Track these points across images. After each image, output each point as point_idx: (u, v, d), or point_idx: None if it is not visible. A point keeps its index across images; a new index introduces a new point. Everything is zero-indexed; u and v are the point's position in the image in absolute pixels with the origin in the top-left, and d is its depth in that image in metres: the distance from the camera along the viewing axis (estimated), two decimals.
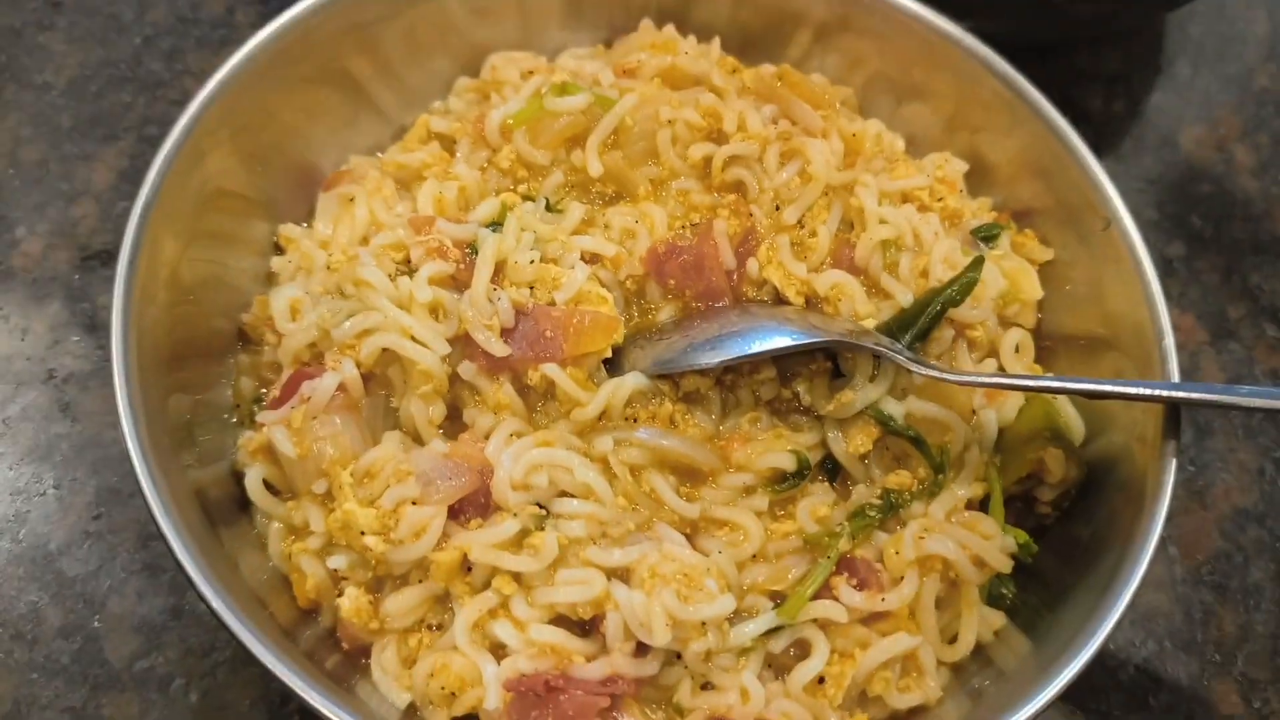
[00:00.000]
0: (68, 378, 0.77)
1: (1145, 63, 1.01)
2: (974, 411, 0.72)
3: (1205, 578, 0.77)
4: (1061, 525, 0.71)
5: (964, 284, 0.72)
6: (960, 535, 0.66)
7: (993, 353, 0.75)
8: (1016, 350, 0.76)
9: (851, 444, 0.70)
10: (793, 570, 0.66)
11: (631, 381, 0.66)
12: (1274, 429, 0.83)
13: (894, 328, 0.71)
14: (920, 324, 0.72)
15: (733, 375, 0.70)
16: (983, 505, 0.70)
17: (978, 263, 0.72)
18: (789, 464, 0.68)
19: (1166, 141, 0.97)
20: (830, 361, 0.70)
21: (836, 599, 0.64)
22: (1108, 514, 0.68)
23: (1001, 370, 0.74)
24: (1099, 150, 0.84)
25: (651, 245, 0.71)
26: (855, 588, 0.64)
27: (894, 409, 0.70)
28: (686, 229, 0.73)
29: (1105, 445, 0.71)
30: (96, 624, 0.68)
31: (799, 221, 0.74)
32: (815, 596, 0.64)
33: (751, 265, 0.72)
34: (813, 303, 0.71)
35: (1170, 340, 0.69)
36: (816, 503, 0.68)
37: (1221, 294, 0.89)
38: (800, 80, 0.80)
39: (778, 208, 0.74)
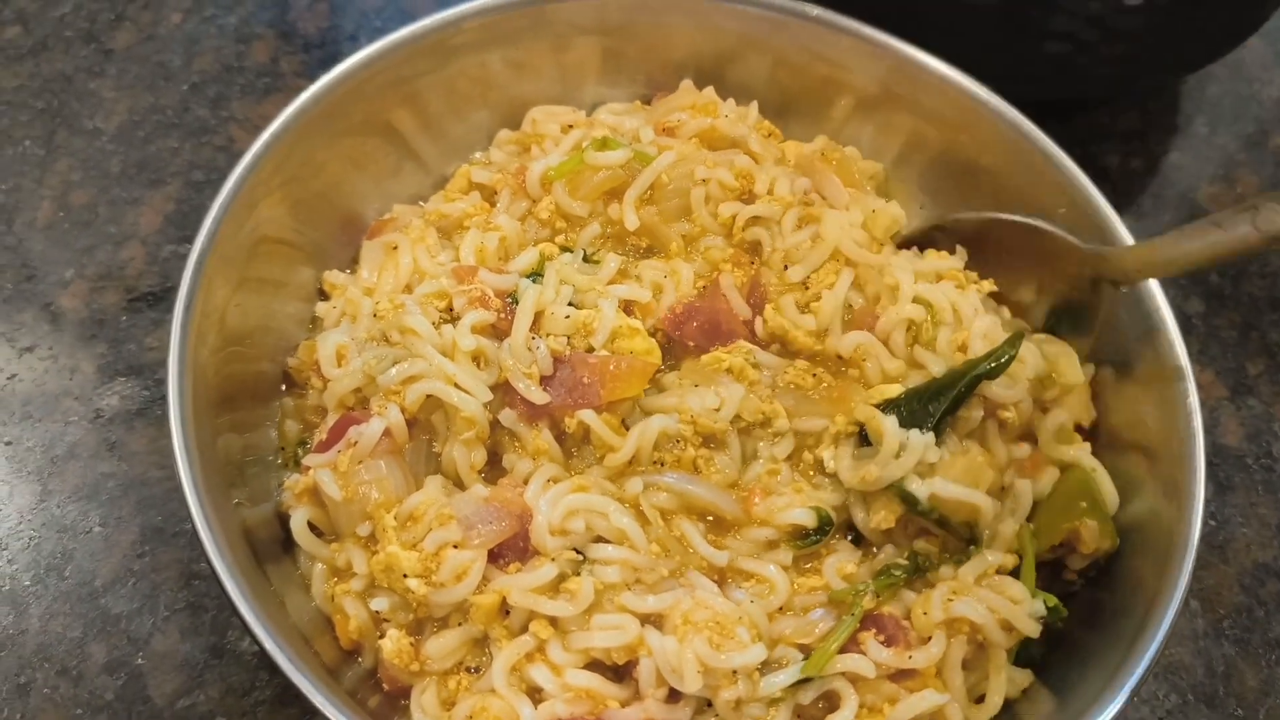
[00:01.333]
0: (114, 417, 0.79)
1: (1163, 122, 1.04)
2: (1003, 488, 0.73)
3: (1227, 631, 0.79)
4: (1086, 590, 0.73)
5: (1001, 358, 0.71)
6: (989, 599, 0.68)
7: (1027, 437, 0.75)
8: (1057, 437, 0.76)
9: (874, 518, 0.70)
10: (820, 625, 0.68)
11: (658, 423, 0.69)
12: None
13: (924, 396, 0.71)
14: (952, 395, 0.71)
15: (747, 423, 0.71)
16: (1014, 569, 0.71)
17: (1016, 338, 0.72)
18: (810, 521, 0.69)
19: (1184, 199, 0.99)
20: (858, 425, 0.71)
21: (864, 654, 0.65)
22: (1133, 579, 0.70)
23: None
24: (1118, 207, 0.86)
25: (670, 307, 0.74)
26: (883, 644, 0.66)
27: (919, 489, 0.69)
28: (699, 289, 0.76)
29: (1132, 511, 0.73)
30: (140, 661, 0.70)
31: (804, 283, 0.76)
32: (843, 650, 0.66)
33: (758, 322, 0.76)
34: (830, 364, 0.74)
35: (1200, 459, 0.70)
36: (843, 560, 0.70)
37: (1240, 351, 0.91)
38: (841, 158, 0.84)
39: (785, 267, 0.77)
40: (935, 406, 0.72)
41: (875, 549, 0.72)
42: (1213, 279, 0.95)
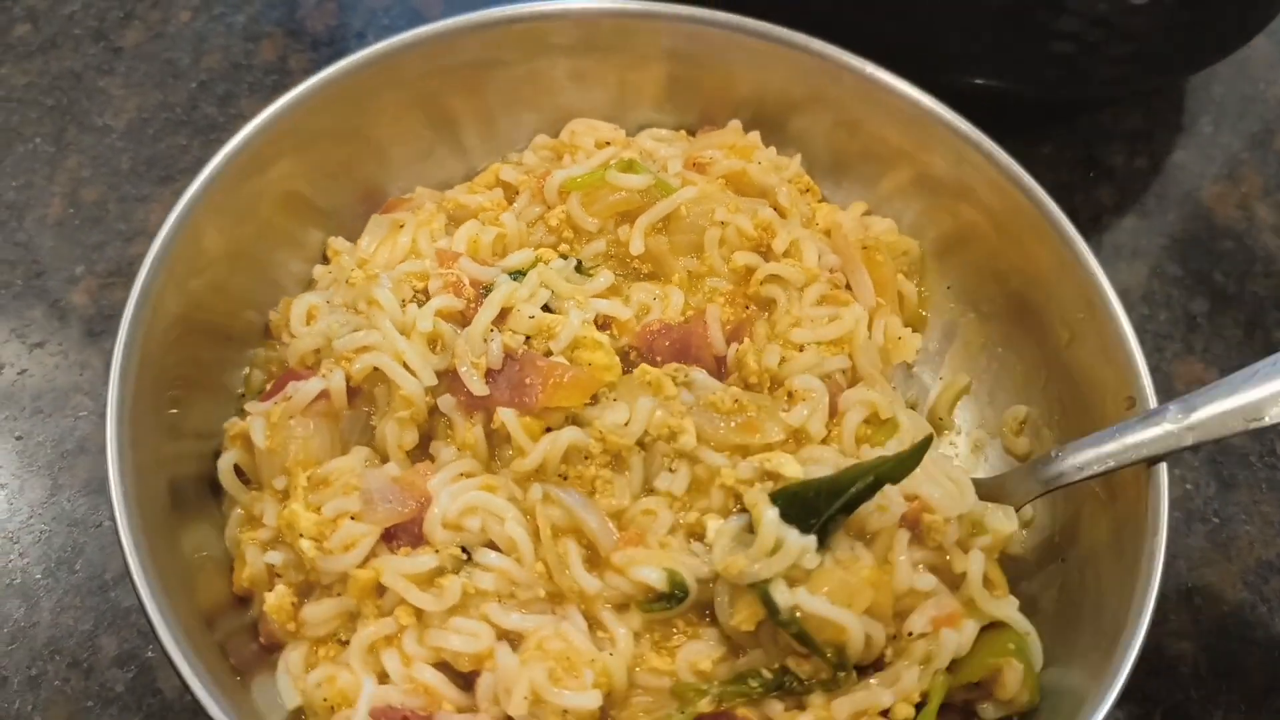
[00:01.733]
0: None
1: (1168, 121, 1.05)
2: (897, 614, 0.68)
3: (1230, 628, 0.78)
4: None
5: (906, 461, 0.66)
6: None
7: (942, 572, 0.70)
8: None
9: (735, 615, 0.66)
10: (654, 713, 0.66)
11: (568, 435, 0.69)
12: None
13: (820, 490, 0.66)
14: (848, 495, 0.65)
15: (653, 437, 0.70)
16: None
17: (925, 443, 0.66)
18: (661, 584, 0.66)
19: (1189, 198, 1.00)
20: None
21: None
22: None
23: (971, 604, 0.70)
24: (1123, 207, 0.86)
25: (646, 324, 0.76)
26: None
27: (782, 596, 0.64)
28: (685, 317, 0.77)
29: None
30: (150, 654, 0.71)
31: (799, 346, 0.77)
32: None
33: (733, 349, 0.76)
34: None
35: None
36: (702, 653, 0.67)
37: (1245, 349, 0.92)
38: (879, 255, 0.83)
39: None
40: (826, 504, 0.66)
41: (743, 650, 0.68)
42: (1217, 278, 0.96)
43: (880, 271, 0.83)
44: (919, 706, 0.66)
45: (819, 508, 0.66)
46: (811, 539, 0.65)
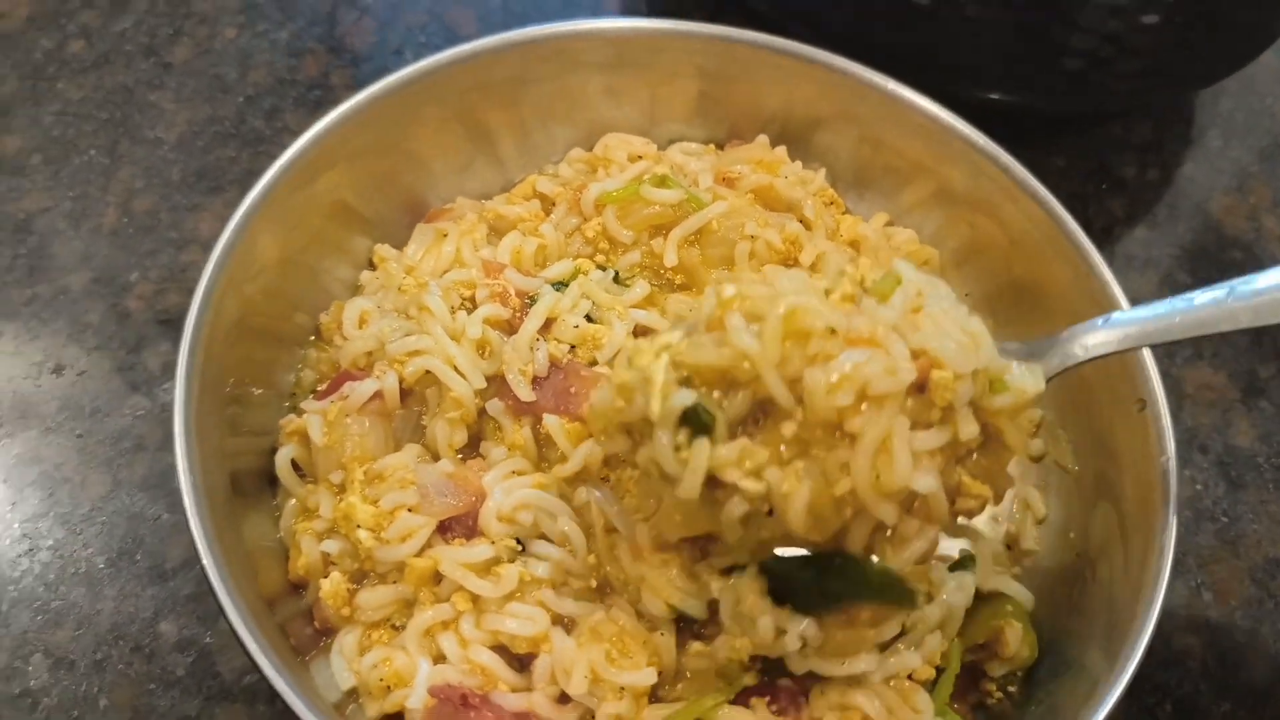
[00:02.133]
0: None
1: (1178, 134, 1.10)
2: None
3: (1239, 622, 0.83)
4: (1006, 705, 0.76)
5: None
6: (890, 700, 0.69)
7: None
8: None
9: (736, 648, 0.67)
10: (701, 690, 0.70)
11: None
12: None
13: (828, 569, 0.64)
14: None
15: None
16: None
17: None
18: (663, 613, 0.69)
19: (1199, 209, 1.05)
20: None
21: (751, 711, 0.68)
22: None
23: None
24: (1133, 218, 0.89)
25: None
26: (774, 713, 0.68)
27: (795, 664, 0.67)
28: None
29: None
30: (209, 640, 0.75)
31: None
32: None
33: None
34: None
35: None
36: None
37: (1253, 355, 0.97)
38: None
39: None
40: (833, 589, 0.64)
41: None
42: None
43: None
44: (939, 671, 0.71)
45: (811, 599, 0.64)
46: (810, 623, 0.64)
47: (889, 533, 0.61)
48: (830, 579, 0.62)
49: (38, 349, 0.88)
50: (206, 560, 0.65)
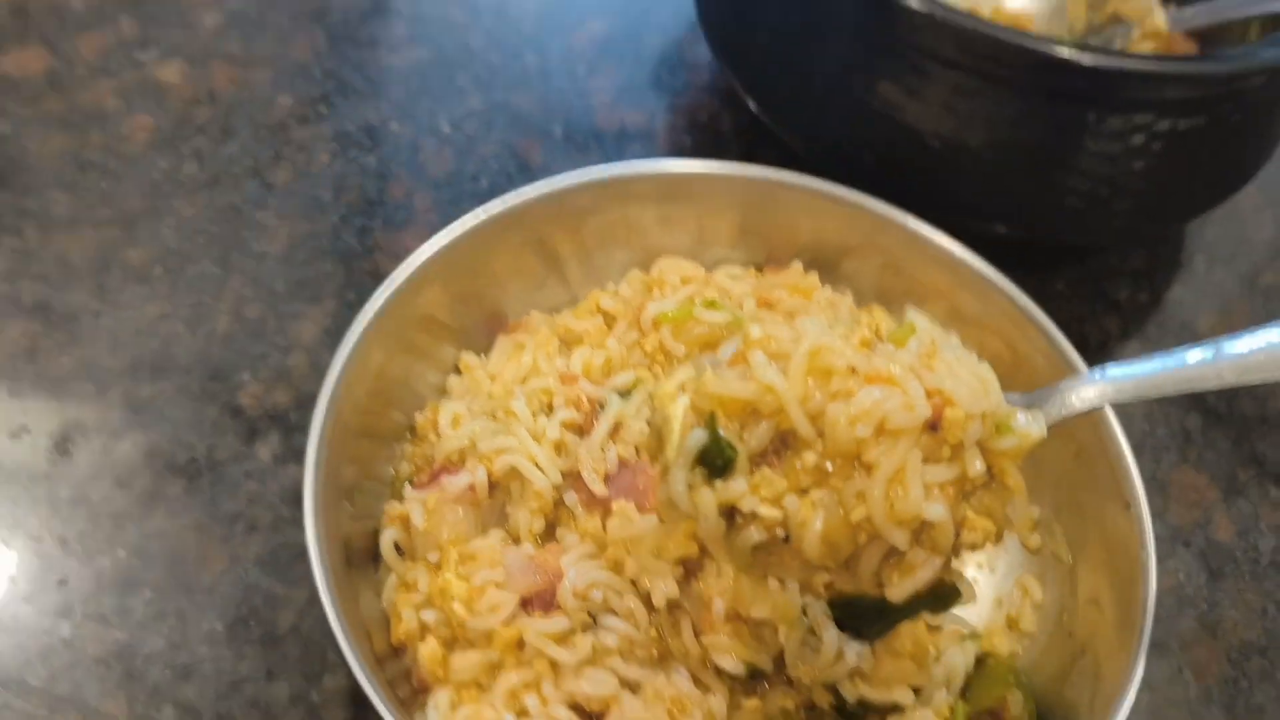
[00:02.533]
0: (285, 498, 0.97)
1: (1168, 261, 1.24)
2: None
3: (1216, 698, 0.94)
4: None
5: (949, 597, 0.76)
6: None
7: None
8: None
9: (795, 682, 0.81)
10: None
11: None
12: (1278, 575, 0.99)
13: (873, 610, 0.75)
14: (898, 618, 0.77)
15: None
16: None
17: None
18: (738, 670, 0.81)
19: (1186, 327, 1.18)
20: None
21: None
22: None
23: None
24: (1127, 334, 1.02)
25: None
26: None
27: (847, 690, 0.81)
28: None
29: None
30: (315, 697, 0.87)
31: None
32: None
33: None
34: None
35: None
36: (785, 696, 0.83)
37: (1232, 459, 1.08)
38: None
39: None
40: (882, 625, 0.78)
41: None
42: (1209, 399, 1.13)
43: None
44: None
45: (874, 623, 0.77)
46: (865, 646, 0.79)
47: (896, 560, 0.68)
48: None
49: (163, 440, 1.02)
50: (334, 622, 0.77)
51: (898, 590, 0.69)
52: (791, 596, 0.79)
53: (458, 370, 1.03)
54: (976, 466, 0.67)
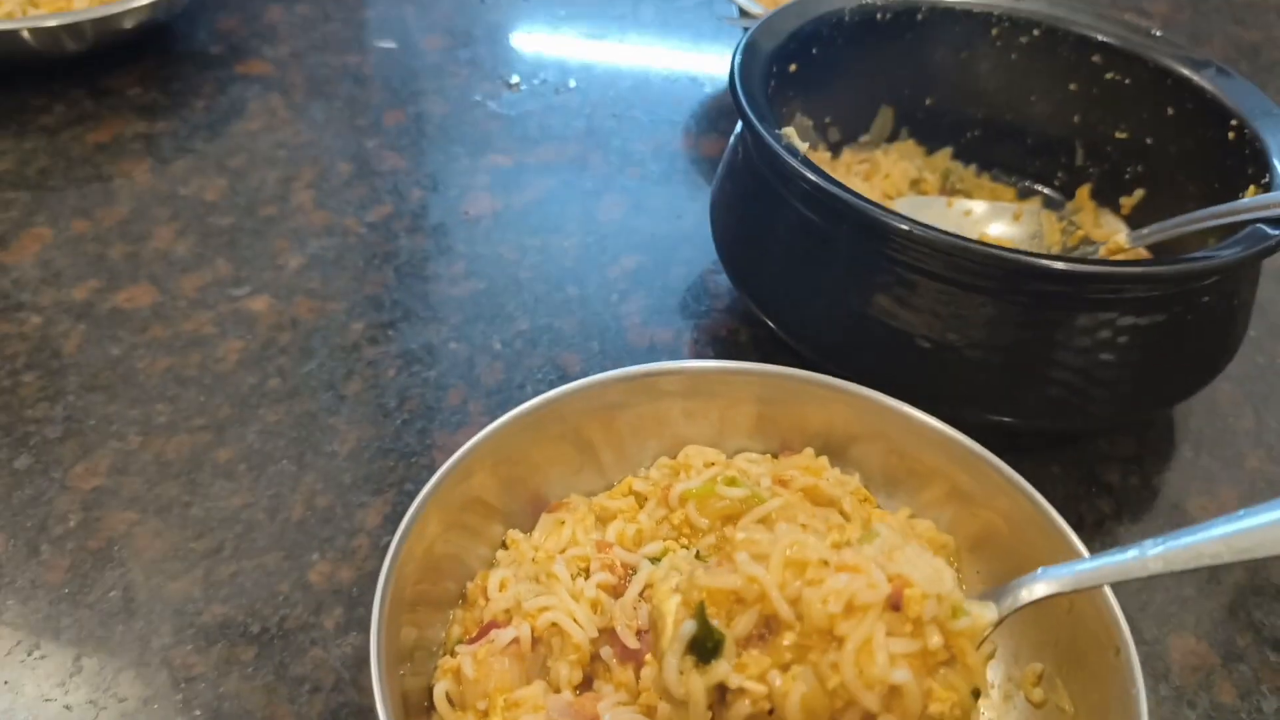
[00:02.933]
0: (349, 662, 1.07)
1: (1156, 447, 1.34)
2: None
3: None
4: None
5: None
6: None
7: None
8: None
9: None
10: None
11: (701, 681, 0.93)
12: None
13: None
14: None
15: None
16: None
17: None
18: None
19: (1175, 508, 1.27)
20: None
21: None
22: None
23: None
24: (1119, 515, 1.13)
25: None
26: None
27: None
28: None
29: None
30: None
31: None
32: None
33: None
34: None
35: None
36: None
37: (1230, 625, 1.14)
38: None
39: None
40: None
41: None
42: (1205, 570, 1.20)
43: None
44: None
45: None
46: None
47: None
48: None
49: (239, 612, 1.13)
50: None
51: None
52: None
53: (505, 545, 1.14)
54: (935, 639, 0.80)
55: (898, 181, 1.61)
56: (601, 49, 2.25)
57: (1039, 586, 0.94)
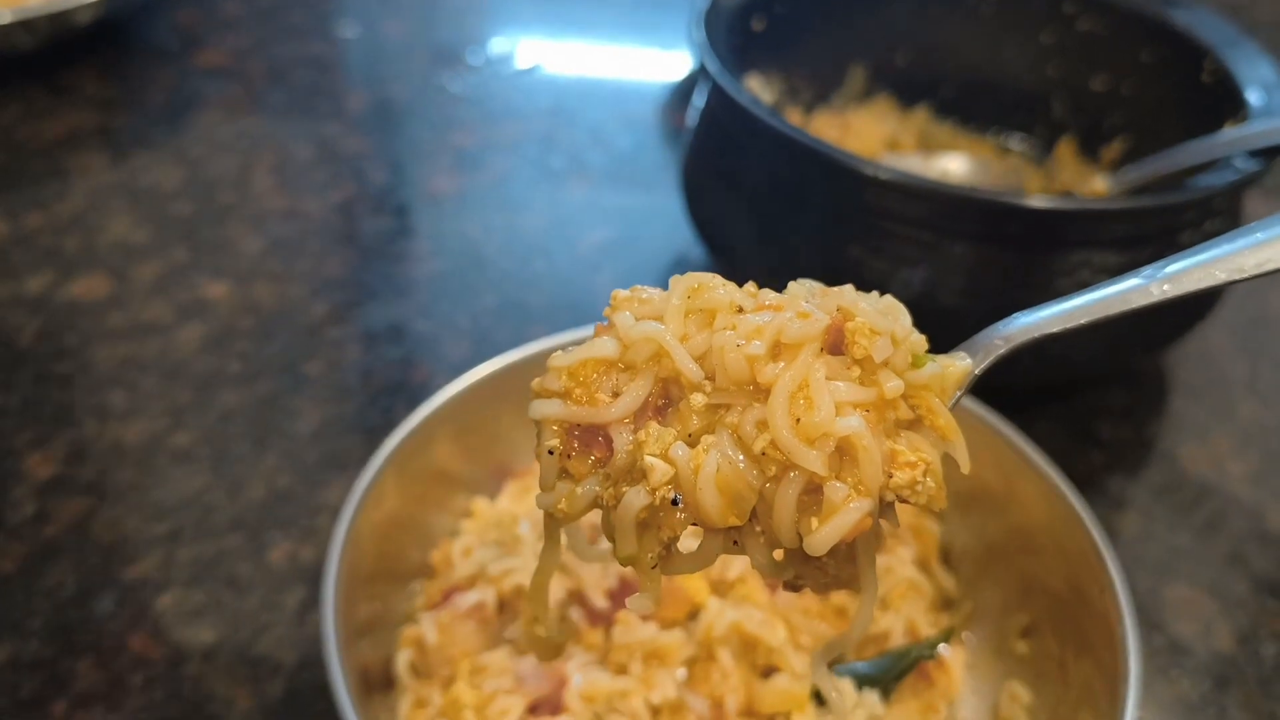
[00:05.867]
0: (311, 648, 1.05)
1: (1148, 399, 1.34)
2: None
3: None
4: None
5: (935, 644, 0.96)
6: None
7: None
8: None
9: None
10: None
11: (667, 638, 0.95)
12: None
13: (879, 669, 0.95)
14: (900, 669, 0.95)
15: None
16: None
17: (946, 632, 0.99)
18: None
19: (1165, 457, 1.26)
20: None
21: None
22: None
23: None
24: (1110, 467, 1.11)
25: None
26: None
27: None
28: None
29: None
30: None
31: None
32: None
33: None
34: None
35: None
36: None
37: (1229, 574, 1.13)
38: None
39: None
40: (886, 679, 0.94)
41: None
42: (1198, 518, 1.19)
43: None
44: None
45: (881, 680, 0.93)
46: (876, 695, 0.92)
47: (815, 503, 0.58)
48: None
49: (200, 594, 1.12)
50: None
51: (818, 539, 0.58)
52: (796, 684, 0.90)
53: (470, 514, 1.13)
54: (892, 384, 0.61)
55: (870, 141, 1.60)
56: (569, 26, 2.25)
57: (1006, 329, 0.73)
